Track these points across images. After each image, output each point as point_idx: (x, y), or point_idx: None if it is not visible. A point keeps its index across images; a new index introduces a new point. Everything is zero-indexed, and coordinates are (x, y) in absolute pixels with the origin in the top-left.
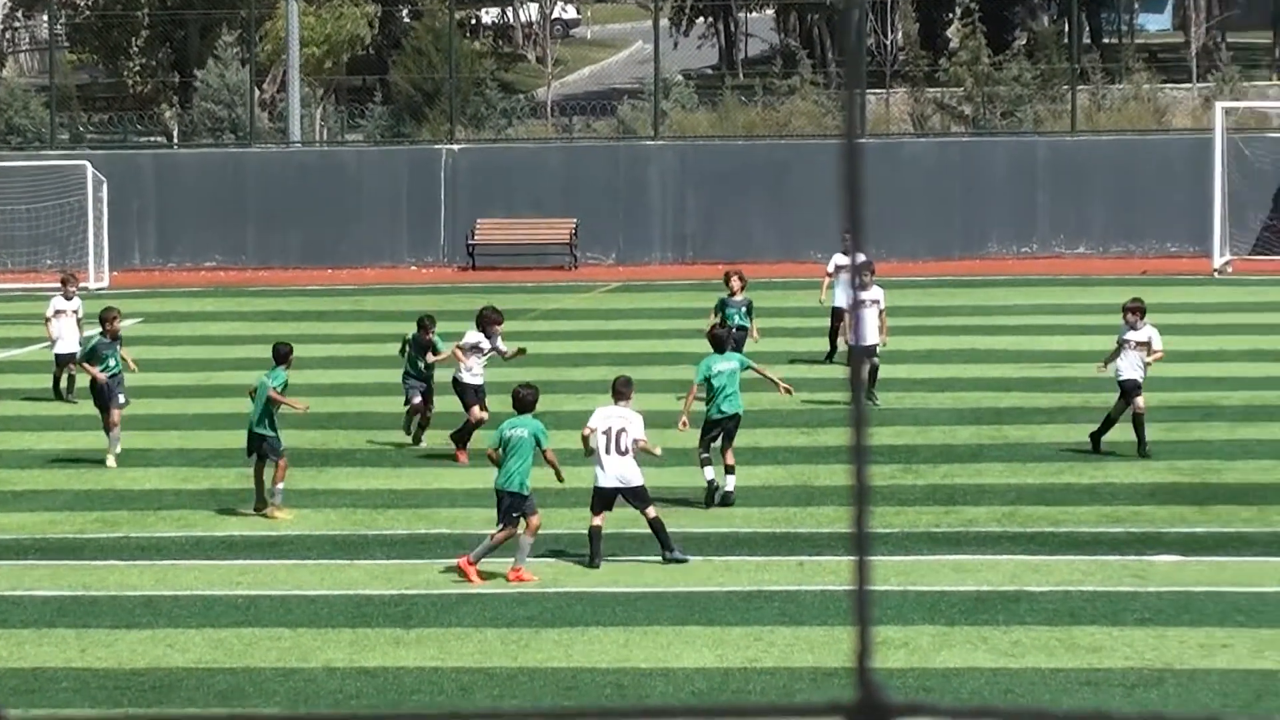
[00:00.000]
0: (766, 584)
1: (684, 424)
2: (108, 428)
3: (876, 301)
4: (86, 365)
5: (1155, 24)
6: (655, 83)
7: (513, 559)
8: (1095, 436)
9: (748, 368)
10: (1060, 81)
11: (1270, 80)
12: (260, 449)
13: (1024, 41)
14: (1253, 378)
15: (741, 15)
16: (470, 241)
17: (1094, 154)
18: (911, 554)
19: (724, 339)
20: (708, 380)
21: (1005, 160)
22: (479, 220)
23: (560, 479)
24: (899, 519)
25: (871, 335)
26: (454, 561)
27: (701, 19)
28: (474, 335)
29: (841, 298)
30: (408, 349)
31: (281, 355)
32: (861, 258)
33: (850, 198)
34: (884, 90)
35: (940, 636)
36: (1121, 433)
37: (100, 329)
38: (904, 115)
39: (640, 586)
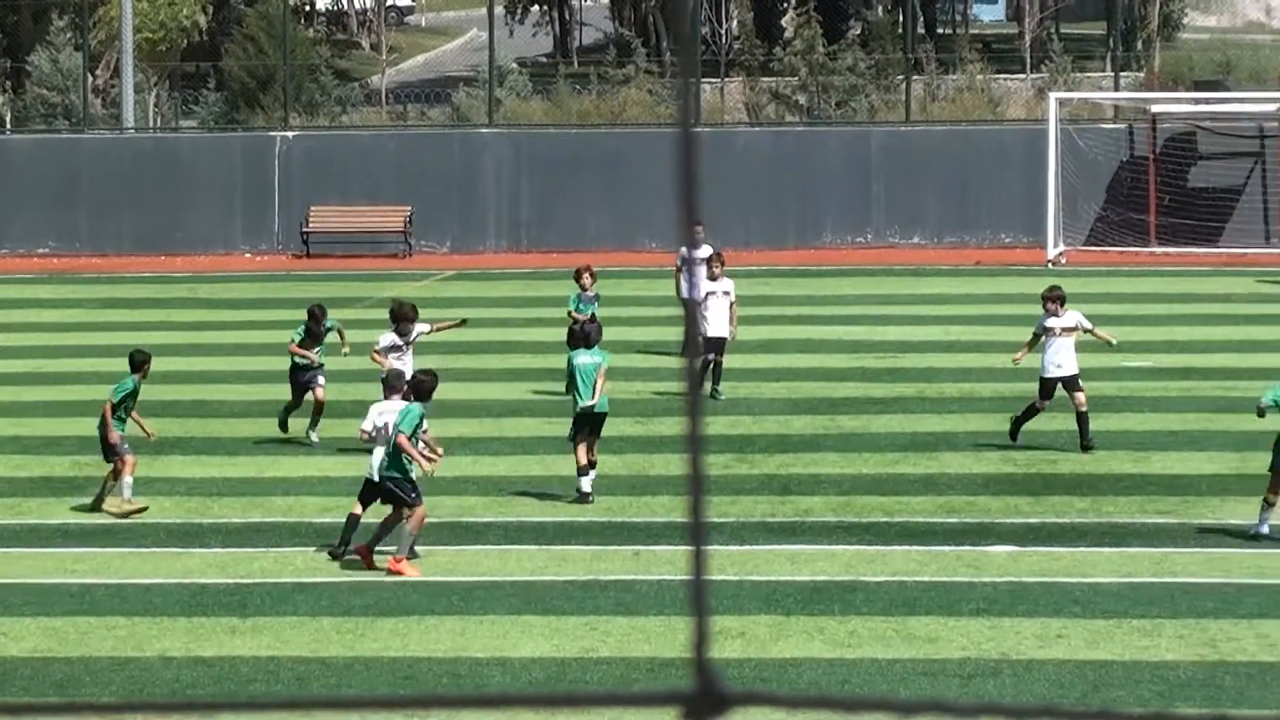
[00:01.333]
0: (602, 573)
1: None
2: None
3: (727, 293)
4: None
5: (989, 14)
6: (490, 70)
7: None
8: (1083, 443)
9: (597, 370)
10: (895, 71)
11: (1104, 71)
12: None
13: (859, 31)
14: (1086, 368)
15: (576, 3)
16: (304, 229)
17: (928, 144)
18: (747, 544)
19: (586, 334)
20: (572, 374)
21: (840, 150)
22: (313, 207)
23: (423, 469)
24: (734, 508)
25: (722, 327)
26: (288, 550)
27: (536, 6)
28: (389, 337)
29: (688, 288)
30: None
31: (134, 364)
32: (708, 250)
33: (685, 187)
34: (719, 79)
35: (776, 626)
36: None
37: None
38: (739, 104)
39: (476, 575)
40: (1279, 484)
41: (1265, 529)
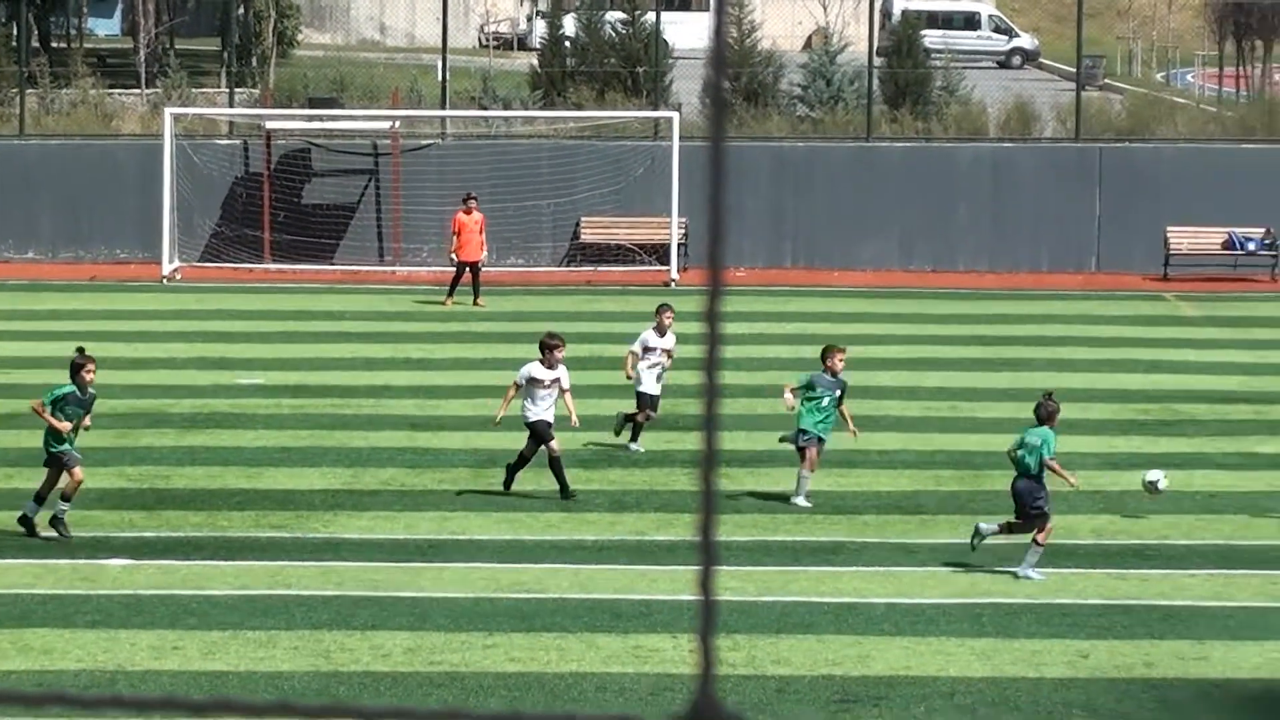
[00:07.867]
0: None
1: None
2: None
3: None
4: None
5: (105, 28)
6: None
7: None
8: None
9: None
10: (9, 85)
11: (220, 87)
12: None
13: None
14: (201, 385)
15: None
16: None
17: (42, 158)
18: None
19: None
20: None
21: None
22: None
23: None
24: (95, 521)
25: None
26: None
27: None
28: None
29: None
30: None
31: None
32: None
33: None
34: None
35: None
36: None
37: None
38: None
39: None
40: (1024, 526)
41: (1032, 573)
